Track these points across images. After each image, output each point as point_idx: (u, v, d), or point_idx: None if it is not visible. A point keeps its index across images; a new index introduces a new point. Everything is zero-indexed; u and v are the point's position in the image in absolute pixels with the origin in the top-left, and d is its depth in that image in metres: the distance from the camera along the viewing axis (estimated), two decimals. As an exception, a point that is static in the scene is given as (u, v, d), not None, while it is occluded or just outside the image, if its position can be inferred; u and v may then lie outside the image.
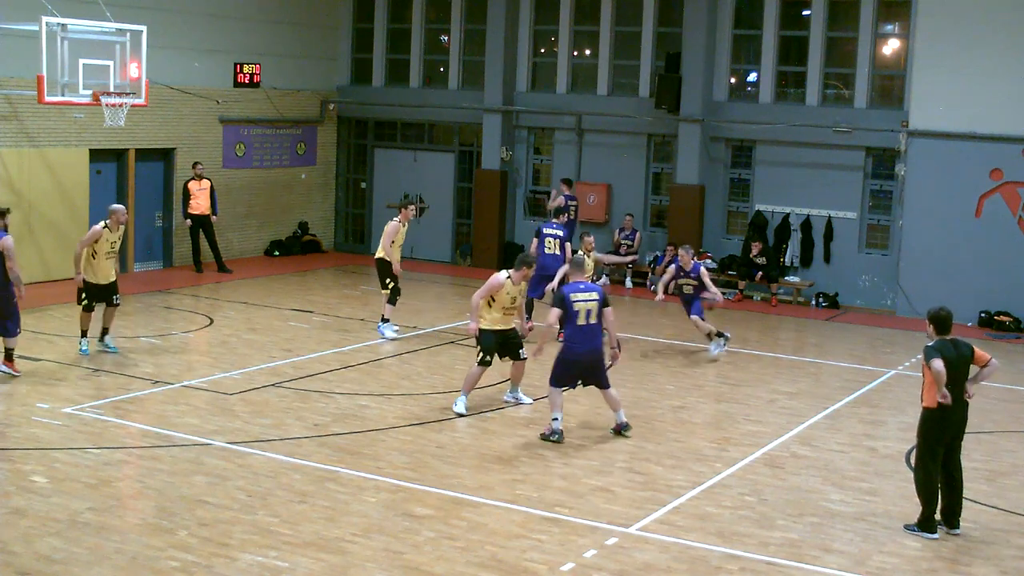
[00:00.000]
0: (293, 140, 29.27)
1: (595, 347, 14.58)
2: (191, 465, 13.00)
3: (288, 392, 16.24)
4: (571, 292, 14.52)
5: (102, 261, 17.73)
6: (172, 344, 19.02)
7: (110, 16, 20.42)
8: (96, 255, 17.66)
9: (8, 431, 13.96)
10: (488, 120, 28.31)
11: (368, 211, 30.49)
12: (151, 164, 25.96)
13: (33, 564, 10.20)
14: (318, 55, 29.78)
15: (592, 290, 14.61)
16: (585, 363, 14.55)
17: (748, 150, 26.37)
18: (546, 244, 20.27)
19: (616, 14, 27.48)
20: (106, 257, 17.75)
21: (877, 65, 25.23)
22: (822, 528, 11.95)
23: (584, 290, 14.56)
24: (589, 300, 14.44)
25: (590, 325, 14.45)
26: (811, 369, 19.53)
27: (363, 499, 12.19)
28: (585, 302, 14.42)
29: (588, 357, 14.54)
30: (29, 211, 22.99)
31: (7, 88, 22.27)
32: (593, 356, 14.58)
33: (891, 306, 24.82)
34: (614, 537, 11.41)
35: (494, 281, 15.46)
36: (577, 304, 14.38)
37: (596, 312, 14.46)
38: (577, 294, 14.47)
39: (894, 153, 24.48)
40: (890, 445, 14.93)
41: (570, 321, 14.40)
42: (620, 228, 26.73)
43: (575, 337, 14.46)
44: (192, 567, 10.26)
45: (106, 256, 17.74)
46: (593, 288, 14.68)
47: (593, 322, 14.47)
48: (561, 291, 14.76)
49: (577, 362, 14.53)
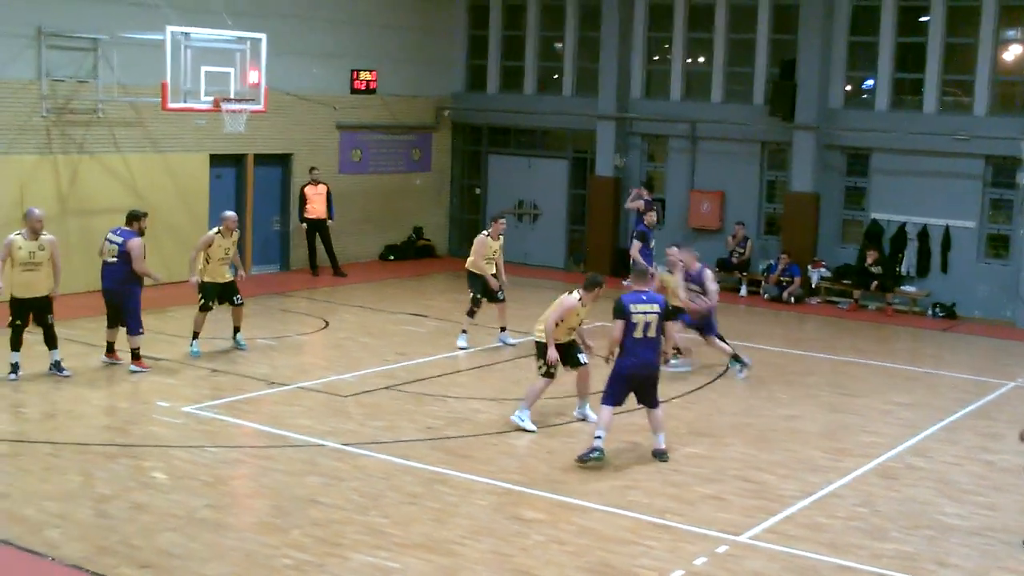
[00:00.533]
0: (408, 146, 29.55)
1: (650, 361, 13.78)
2: (305, 465, 13.20)
3: (401, 395, 16.41)
4: (631, 302, 13.66)
5: (216, 266, 18.19)
6: (287, 346, 19.33)
7: (231, 24, 20.83)
8: (210, 260, 18.16)
9: (130, 428, 14.31)
10: (602, 127, 28.33)
11: (482, 217, 30.60)
12: (269, 169, 26.40)
13: (153, 558, 10.45)
14: (433, 62, 30.03)
15: (654, 301, 13.79)
16: (640, 378, 13.77)
17: (864, 158, 26.03)
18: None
19: (730, 21, 27.33)
20: (220, 263, 18.21)
21: (998, 71, 24.75)
22: (937, 542, 11.77)
23: (646, 301, 13.73)
24: (649, 312, 13.63)
25: (647, 339, 13.62)
26: (927, 380, 19.24)
27: (473, 502, 12.28)
28: (645, 314, 13.60)
29: (643, 371, 13.74)
30: (152, 214, 23.38)
31: (133, 95, 22.81)
32: (648, 371, 13.80)
33: (1010, 317, 24.33)
34: (724, 545, 11.36)
35: (568, 303, 14.69)
36: (636, 316, 13.58)
37: (656, 325, 13.65)
38: (638, 304, 13.65)
39: (1015, 161, 23.99)
40: (1008, 459, 14.63)
41: (627, 333, 13.59)
42: (731, 236, 26.56)
43: (631, 350, 13.62)
44: (305, 566, 10.42)
45: (220, 261, 18.20)
46: (656, 299, 13.86)
47: (651, 336, 13.64)
48: (621, 300, 13.74)
49: (632, 376, 13.72)
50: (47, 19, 21.66)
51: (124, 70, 22.54)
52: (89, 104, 22.39)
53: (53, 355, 16.59)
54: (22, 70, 21.49)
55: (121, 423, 14.51)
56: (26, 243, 16.04)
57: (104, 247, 17.22)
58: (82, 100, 22.29)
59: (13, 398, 15.39)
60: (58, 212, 21.89)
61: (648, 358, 13.72)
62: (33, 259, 16.06)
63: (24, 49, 21.47)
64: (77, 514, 11.43)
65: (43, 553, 10.48)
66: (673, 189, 28.13)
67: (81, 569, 10.16)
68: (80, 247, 22.27)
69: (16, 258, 15.99)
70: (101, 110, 22.55)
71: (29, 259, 16.04)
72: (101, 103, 22.47)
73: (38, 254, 16.09)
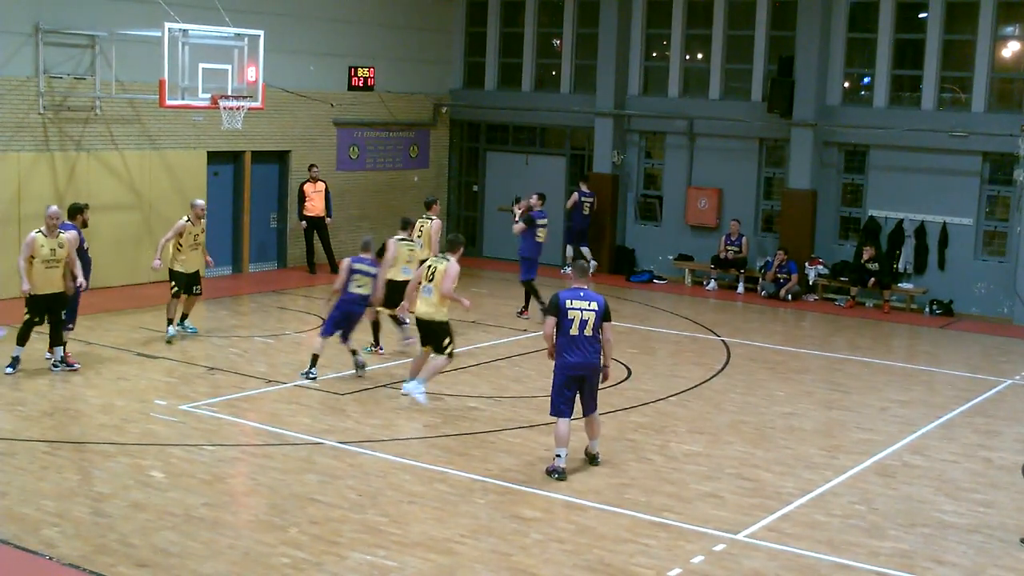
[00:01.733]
0: (406, 143, 29.54)
1: (589, 361, 13.03)
2: (303, 463, 13.21)
3: (399, 393, 16.40)
4: (568, 298, 13.01)
5: (188, 252, 18.77)
6: (285, 344, 19.32)
7: (229, 21, 20.81)
8: (181, 247, 18.72)
9: (128, 426, 14.31)
10: (600, 124, 28.33)
11: (480, 214, 30.67)
12: (266, 166, 26.38)
13: (151, 556, 10.45)
14: (431, 59, 30.02)
15: (593, 299, 13.05)
16: (579, 376, 13.07)
17: (862, 155, 26.04)
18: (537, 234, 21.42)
19: (729, 18, 27.32)
20: (190, 249, 18.78)
21: (996, 68, 24.76)
22: (934, 539, 11.79)
23: (583, 298, 13.03)
24: (586, 309, 12.96)
25: (584, 337, 12.94)
26: (924, 377, 19.25)
27: (472, 500, 12.29)
28: (581, 311, 12.95)
29: (580, 372, 13.04)
30: (149, 211, 23.55)
31: (130, 92, 22.80)
32: (587, 370, 13.07)
33: (1007, 314, 24.35)
34: (722, 543, 11.37)
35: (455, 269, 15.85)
36: (572, 312, 12.95)
37: (593, 324, 12.95)
38: (575, 300, 13.00)
39: (1013, 158, 24.00)
40: (1006, 456, 14.66)
41: (562, 331, 12.97)
42: (727, 234, 26.53)
43: (566, 347, 12.97)
44: (303, 564, 10.43)
45: (190, 248, 18.78)
46: (594, 297, 13.10)
47: (588, 334, 12.93)
48: (557, 295, 13.10)
49: (573, 376, 13.04)
50: (45, 16, 21.63)
51: (122, 67, 22.52)
52: (87, 101, 22.36)
53: (57, 352, 16.65)
54: (19, 67, 21.46)
55: (118, 421, 14.50)
56: (47, 240, 16.26)
57: None
58: (80, 97, 22.26)
59: (11, 396, 15.38)
60: (55, 209, 21.90)
61: (586, 357, 13.01)
62: (54, 256, 16.32)
63: (22, 46, 21.44)
64: (74, 513, 11.43)
65: (41, 552, 10.48)
66: (671, 186, 28.13)
67: (79, 568, 10.16)
68: (78, 244, 22.29)
69: (38, 255, 16.21)
70: (99, 107, 22.52)
71: (50, 256, 16.30)
72: (99, 100, 22.44)
73: (58, 251, 16.34)
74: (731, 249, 26.39)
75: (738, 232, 26.43)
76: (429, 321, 15.81)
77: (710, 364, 19.04)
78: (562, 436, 13.07)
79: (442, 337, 15.81)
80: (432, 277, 15.82)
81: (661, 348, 20.43)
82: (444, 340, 15.80)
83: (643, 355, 19.58)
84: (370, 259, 17.17)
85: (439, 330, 15.81)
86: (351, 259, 17.04)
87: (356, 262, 16.99)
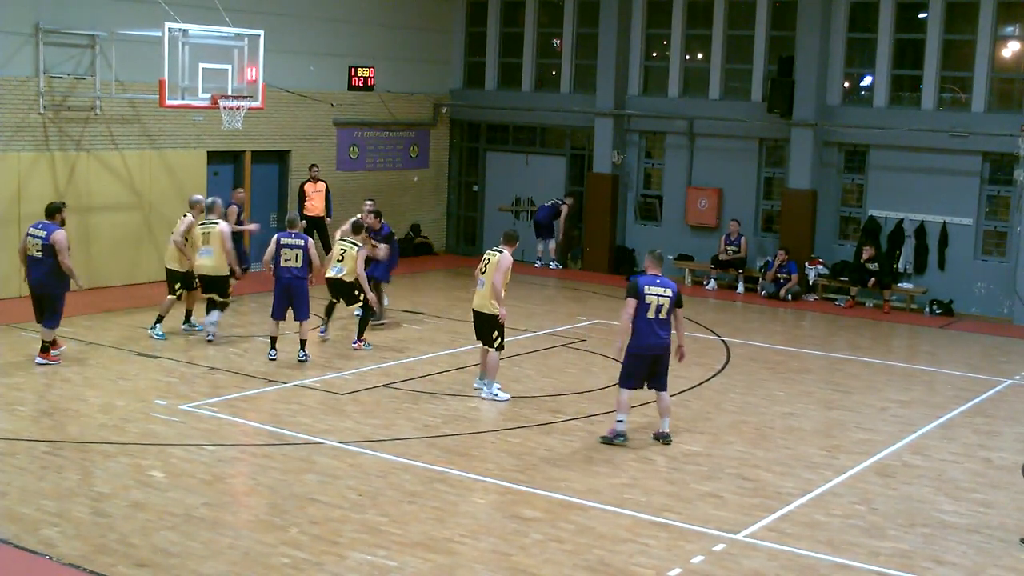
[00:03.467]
0: (406, 143, 29.55)
1: (663, 343, 14.19)
2: (303, 463, 13.21)
3: (399, 393, 16.42)
4: (647, 284, 14.12)
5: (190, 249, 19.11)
6: (286, 344, 19.29)
7: (229, 21, 20.81)
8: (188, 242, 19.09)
9: (128, 426, 14.31)
10: (600, 124, 28.34)
11: (480, 214, 30.68)
12: (266, 166, 26.40)
13: (151, 556, 10.45)
14: (431, 59, 30.03)
15: (668, 286, 14.18)
16: (652, 358, 14.20)
17: (862, 155, 26.05)
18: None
19: (729, 18, 27.33)
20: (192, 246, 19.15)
21: (996, 68, 24.77)
22: (934, 539, 11.79)
23: (660, 284, 14.14)
24: (662, 295, 14.06)
25: (659, 320, 14.06)
26: (924, 377, 19.25)
27: (472, 500, 12.30)
28: (658, 296, 14.03)
29: (654, 352, 14.18)
30: (149, 211, 23.56)
31: (130, 92, 22.80)
32: (661, 350, 14.24)
33: (1007, 314, 24.36)
34: (722, 543, 11.37)
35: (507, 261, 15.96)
36: (650, 297, 14.01)
37: (667, 309, 14.08)
38: (652, 287, 14.08)
39: (1013, 158, 24.00)
40: (1006, 456, 14.67)
41: (640, 314, 14.02)
42: (727, 234, 26.53)
43: (643, 329, 14.06)
44: (303, 564, 10.43)
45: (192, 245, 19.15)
46: (669, 284, 14.24)
47: (663, 318, 14.07)
48: (636, 280, 14.27)
49: (644, 356, 14.17)
50: (45, 15, 21.63)
51: (122, 67, 22.53)
52: (87, 101, 22.37)
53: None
54: (20, 67, 21.47)
55: (118, 421, 14.49)
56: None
57: (27, 242, 17.00)
58: (80, 97, 22.27)
59: (11, 396, 15.38)
60: (56, 209, 21.91)
61: (661, 339, 14.11)
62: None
63: (22, 46, 21.44)
64: (74, 513, 11.43)
65: (41, 552, 10.48)
66: (671, 186, 28.14)
67: (79, 568, 10.16)
68: (78, 244, 22.27)
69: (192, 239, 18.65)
70: (99, 107, 22.52)
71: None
72: (99, 100, 22.45)
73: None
74: (730, 249, 26.38)
75: (737, 232, 26.42)
76: (480, 313, 16.14)
77: (710, 364, 19.04)
78: (625, 403, 14.29)
79: (491, 330, 16.04)
80: (484, 270, 16.06)
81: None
82: (492, 334, 16.06)
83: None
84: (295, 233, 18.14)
85: (489, 322, 16.05)
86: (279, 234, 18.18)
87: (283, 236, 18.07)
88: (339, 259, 18.83)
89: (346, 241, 18.98)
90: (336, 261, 18.87)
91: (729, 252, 26.45)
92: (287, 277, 17.85)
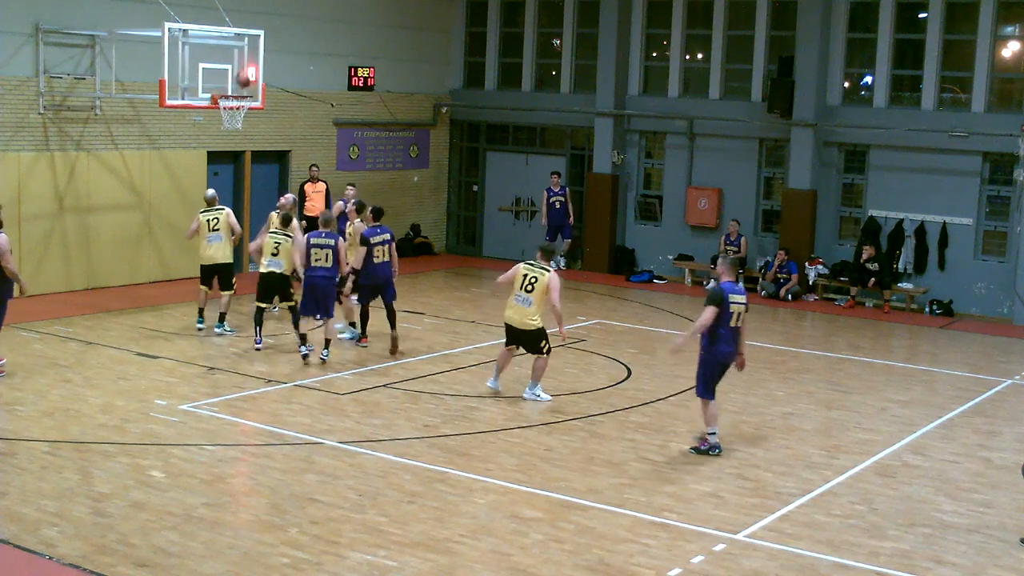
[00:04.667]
0: (406, 143, 29.54)
1: (738, 351, 14.19)
2: (303, 463, 13.21)
3: (398, 393, 16.42)
4: (730, 292, 13.95)
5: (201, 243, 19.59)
6: (285, 344, 19.31)
7: (229, 21, 20.81)
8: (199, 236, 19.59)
9: (128, 426, 14.31)
10: (600, 124, 28.34)
11: (480, 214, 30.67)
12: (266, 166, 26.39)
13: (151, 556, 10.45)
14: (431, 59, 30.02)
15: (744, 293, 14.18)
16: (727, 366, 14.24)
17: (861, 155, 26.04)
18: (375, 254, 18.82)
19: (729, 18, 27.33)
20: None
21: (996, 68, 24.76)
22: (934, 539, 11.79)
23: (739, 292, 14.11)
24: (742, 303, 14.02)
25: (738, 328, 14.05)
26: (924, 377, 19.25)
27: (472, 500, 12.29)
28: (739, 304, 13.96)
29: (731, 359, 14.21)
30: (149, 211, 23.56)
31: (130, 92, 22.80)
32: (736, 358, 14.25)
33: (1007, 314, 24.36)
34: (722, 543, 11.37)
35: (557, 279, 15.92)
36: (733, 305, 13.90)
37: (743, 316, 14.07)
38: (735, 295, 13.97)
39: (1013, 158, 23.99)
40: (1006, 456, 14.67)
41: (722, 322, 13.89)
42: (727, 234, 26.51)
43: (726, 337, 13.97)
44: (302, 564, 10.43)
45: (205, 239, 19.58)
46: (744, 292, 14.24)
47: (740, 325, 14.06)
48: (720, 287, 14.04)
49: (726, 364, 14.18)
50: (45, 15, 21.63)
51: (122, 67, 22.53)
52: (86, 101, 22.37)
53: None
54: (20, 67, 21.47)
55: (118, 421, 14.50)
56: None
57: None
58: (79, 97, 22.27)
59: (10, 396, 15.38)
60: (55, 209, 21.92)
61: (737, 347, 14.16)
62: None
63: (22, 46, 21.44)
64: (74, 513, 11.43)
65: (41, 552, 10.48)
66: (671, 186, 28.13)
67: (79, 568, 10.16)
68: (78, 245, 22.30)
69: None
70: (99, 107, 22.53)
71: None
72: (99, 100, 22.45)
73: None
74: (730, 249, 26.36)
75: (737, 232, 26.42)
76: (524, 330, 16.05)
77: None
78: (715, 415, 14.21)
79: (539, 340, 16.09)
80: (532, 288, 15.89)
81: (661, 348, 20.40)
82: (540, 343, 16.11)
83: (643, 355, 19.59)
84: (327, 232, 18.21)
85: (535, 336, 16.06)
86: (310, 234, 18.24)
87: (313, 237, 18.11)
88: (274, 253, 18.47)
89: (278, 234, 18.65)
90: (271, 255, 18.47)
91: (729, 252, 26.43)
92: (317, 276, 17.79)
